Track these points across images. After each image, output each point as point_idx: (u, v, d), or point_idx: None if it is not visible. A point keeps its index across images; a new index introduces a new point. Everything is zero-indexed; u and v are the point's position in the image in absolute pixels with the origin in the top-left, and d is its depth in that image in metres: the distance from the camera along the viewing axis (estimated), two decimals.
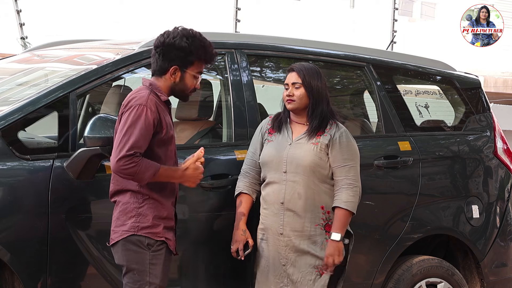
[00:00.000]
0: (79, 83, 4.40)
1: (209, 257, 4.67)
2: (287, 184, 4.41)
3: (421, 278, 5.20)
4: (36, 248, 4.15)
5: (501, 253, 5.57)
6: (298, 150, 4.42)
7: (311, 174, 4.39)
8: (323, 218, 4.42)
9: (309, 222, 4.40)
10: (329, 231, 4.40)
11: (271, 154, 4.47)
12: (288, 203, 4.40)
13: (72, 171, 4.13)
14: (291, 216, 4.40)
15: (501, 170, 5.61)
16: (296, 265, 4.40)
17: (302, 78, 4.46)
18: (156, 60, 4.07)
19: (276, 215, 4.43)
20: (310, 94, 4.46)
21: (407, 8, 23.62)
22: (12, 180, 4.13)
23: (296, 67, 4.51)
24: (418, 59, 5.80)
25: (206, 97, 5.25)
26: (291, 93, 4.47)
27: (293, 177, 4.40)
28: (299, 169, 4.40)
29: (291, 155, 4.42)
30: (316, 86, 4.45)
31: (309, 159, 4.39)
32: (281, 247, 4.42)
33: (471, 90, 5.77)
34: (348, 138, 4.48)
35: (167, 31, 4.09)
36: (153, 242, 3.94)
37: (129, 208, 3.96)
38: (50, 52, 5.50)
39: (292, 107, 4.49)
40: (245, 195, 4.51)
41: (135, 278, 3.94)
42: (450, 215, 5.35)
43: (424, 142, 5.35)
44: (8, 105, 4.30)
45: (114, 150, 3.87)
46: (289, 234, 4.40)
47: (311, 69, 4.50)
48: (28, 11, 10.39)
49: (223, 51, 4.88)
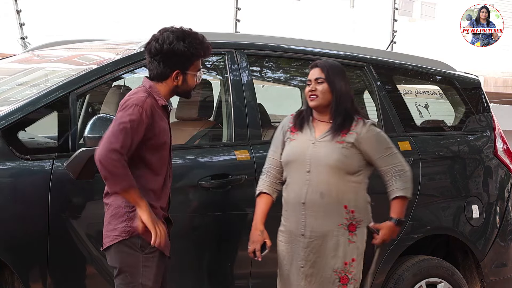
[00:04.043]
0: (79, 83, 4.40)
1: (208, 257, 4.67)
2: (310, 184, 4.27)
3: (421, 278, 5.20)
4: (36, 248, 4.15)
5: (501, 253, 5.57)
6: (322, 149, 4.29)
7: (335, 173, 4.25)
8: (347, 217, 4.27)
9: (332, 222, 4.26)
10: (353, 231, 4.28)
11: (293, 154, 4.34)
12: (310, 203, 4.26)
13: (72, 171, 4.13)
14: (313, 216, 4.27)
15: (501, 170, 5.62)
16: (316, 266, 4.28)
17: (326, 74, 4.32)
18: (156, 68, 3.99)
19: (298, 216, 4.30)
20: (333, 90, 4.31)
21: (407, 8, 23.61)
22: (12, 180, 4.13)
23: (319, 63, 4.39)
24: (418, 59, 5.80)
25: (206, 97, 5.25)
26: (313, 88, 4.32)
27: (316, 176, 4.26)
28: (323, 168, 4.25)
29: (314, 155, 4.29)
30: (339, 82, 4.32)
31: (334, 157, 4.25)
32: (302, 248, 4.29)
33: (471, 90, 5.78)
34: (377, 130, 4.37)
35: (160, 36, 3.99)
36: (146, 244, 3.91)
37: (120, 213, 3.91)
38: (50, 52, 5.50)
39: (315, 104, 4.33)
40: (265, 195, 4.39)
41: (127, 280, 3.92)
42: (450, 215, 5.36)
43: (424, 142, 5.35)
44: (8, 105, 4.31)
45: (107, 139, 3.79)
46: (311, 235, 4.27)
47: (335, 65, 4.39)
48: (28, 11, 10.38)
49: (223, 51, 4.88)
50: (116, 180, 3.79)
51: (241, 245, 4.65)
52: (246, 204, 4.68)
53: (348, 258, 4.27)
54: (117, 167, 3.76)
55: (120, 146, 3.79)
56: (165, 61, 3.97)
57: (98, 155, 3.79)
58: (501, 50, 17.48)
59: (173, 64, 3.98)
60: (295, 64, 5.54)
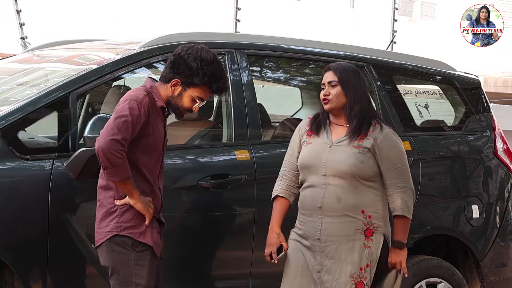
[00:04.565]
0: (79, 83, 4.40)
1: (208, 257, 4.67)
2: (326, 188, 4.20)
3: (421, 278, 5.19)
4: (36, 248, 4.15)
5: (501, 253, 5.57)
6: (338, 153, 4.22)
7: (352, 178, 4.19)
8: (364, 222, 4.21)
9: (349, 227, 4.19)
10: (369, 236, 4.22)
11: (310, 157, 4.28)
12: (326, 208, 4.20)
13: (72, 171, 4.13)
14: (329, 221, 4.21)
15: (501, 170, 5.61)
16: (331, 272, 4.19)
17: (339, 76, 4.25)
18: (166, 67, 4.07)
19: (314, 220, 4.24)
20: (347, 92, 4.23)
21: (407, 8, 23.61)
22: (12, 180, 4.13)
23: (332, 66, 4.32)
24: (418, 59, 5.80)
25: None
26: (327, 93, 4.25)
27: (333, 180, 4.20)
28: (339, 173, 4.18)
29: (331, 159, 4.22)
30: (353, 84, 4.25)
31: (350, 162, 4.18)
32: (317, 253, 4.21)
33: (471, 90, 5.78)
34: (394, 139, 4.29)
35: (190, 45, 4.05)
36: (137, 242, 3.92)
37: (112, 209, 3.95)
38: (50, 52, 5.50)
39: (329, 107, 4.27)
40: (281, 199, 4.35)
41: (120, 279, 3.93)
42: (450, 215, 5.36)
43: (424, 142, 5.35)
44: (8, 105, 4.31)
45: (109, 131, 3.83)
46: (327, 239, 4.21)
47: (348, 67, 4.32)
48: (28, 11, 10.38)
49: (223, 51, 4.88)
50: (117, 170, 3.83)
51: (241, 244, 4.65)
52: (246, 204, 4.68)
53: (363, 263, 4.21)
54: (119, 158, 3.81)
55: (122, 137, 3.83)
56: (174, 64, 4.02)
57: (100, 145, 3.82)
58: (501, 50, 17.49)
59: (178, 72, 4.01)
60: (295, 64, 5.54)
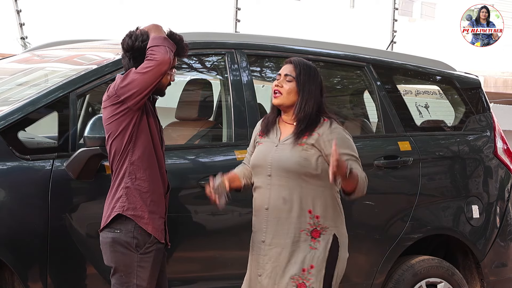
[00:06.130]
0: (79, 83, 4.41)
1: (208, 257, 4.67)
2: (272, 189, 4.04)
3: (421, 278, 5.20)
4: (36, 248, 4.15)
5: (501, 253, 5.57)
6: (283, 152, 4.06)
7: (297, 177, 4.00)
8: (310, 223, 4.01)
9: (294, 228, 4.00)
10: (316, 238, 4.02)
11: (258, 158, 4.14)
12: (272, 209, 4.03)
13: (72, 171, 4.13)
14: (275, 222, 4.03)
15: (501, 170, 5.61)
16: (272, 276, 4.01)
17: (297, 73, 4.09)
18: (127, 63, 4.04)
19: (261, 222, 4.07)
20: (300, 91, 4.05)
21: (407, 8, 23.63)
22: (12, 180, 4.13)
23: (294, 60, 4.16)
24: (418, 59, 5.80)
25: (206, 97, 5.25)
26: (280, 84, 4.07)
27: (278, 181, 4.03)
28: (283, 172, 4.02)
29: (276, 158, 4.05)
30: (309, 85, 4.08)
31: (293, 160, 4.00)
32: (261, 256, 4.05)
33: (471, 90, 5.77)
34: (342, 133, 4.07)
35: (134, 32, 4.04)
36: (141, 243, 3.92)
37: (118, 194, 3.95)
38: (50, 52, 5.51)
39: (278, 102, 4.08)
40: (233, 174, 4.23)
41: (122, 279, 3.94)
42: (450, 215, 5.36)
43: (424, 142, 5.35)
44: (8, 105, 4.31)
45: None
46: (271, 242, 4.02)
47: (309, 67, 4.14)
48: (28, 11, 10.39)
49: (223, 51, 4.88)
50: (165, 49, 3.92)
51: (240, 244, 4.65)
52: (245, 204, 4.68)
53: (306, 264, 3.99)
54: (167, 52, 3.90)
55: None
56: (135, 58, 4.00)
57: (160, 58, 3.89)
58: (501, 50, 17.49)
59: (137, 61, 3.98)
60: None
